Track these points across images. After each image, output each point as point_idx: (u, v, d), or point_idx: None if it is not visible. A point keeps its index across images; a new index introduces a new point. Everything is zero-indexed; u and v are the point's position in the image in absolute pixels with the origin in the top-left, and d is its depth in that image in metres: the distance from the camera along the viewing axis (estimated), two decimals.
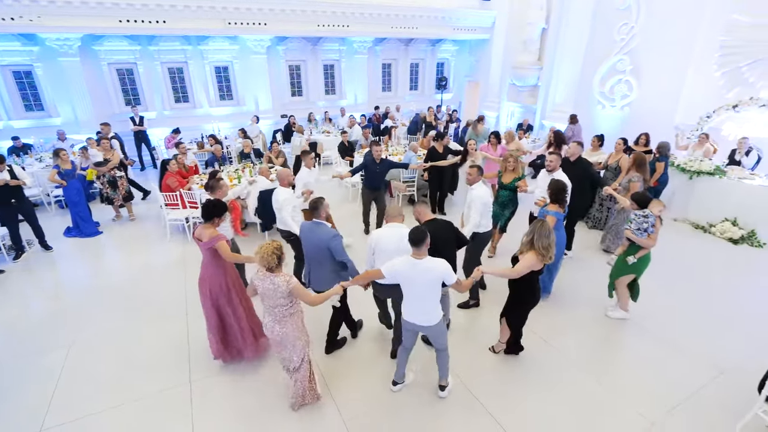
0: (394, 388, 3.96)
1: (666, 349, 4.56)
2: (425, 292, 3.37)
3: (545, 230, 3.62)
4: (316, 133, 12.14)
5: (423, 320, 3.49)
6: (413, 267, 3.27)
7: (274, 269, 3.25)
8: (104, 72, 11.33)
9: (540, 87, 13.36)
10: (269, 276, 3.27)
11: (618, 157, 7.28)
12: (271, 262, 3.21)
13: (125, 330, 4.90)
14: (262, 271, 3.30)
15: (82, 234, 7.34)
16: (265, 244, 3.24)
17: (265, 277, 3.29)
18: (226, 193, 4.87)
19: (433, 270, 3.28)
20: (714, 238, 7.26)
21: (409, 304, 3.50)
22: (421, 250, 3.26)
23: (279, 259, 3.25)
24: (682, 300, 5.46)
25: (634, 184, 5.93)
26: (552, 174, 5.54)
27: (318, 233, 3.97)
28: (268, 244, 3.25)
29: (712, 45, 9.45)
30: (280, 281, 3.24)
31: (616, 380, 4.13)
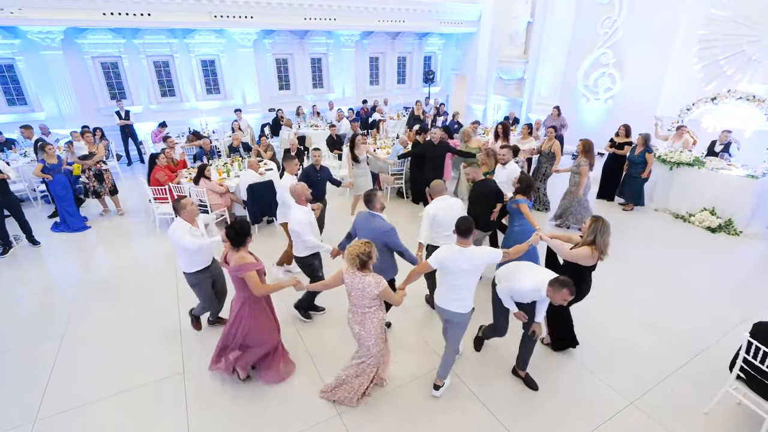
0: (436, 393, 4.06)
1: (645, 332, 4.75)
2: (468, 279, 3.48)
3: (606, 228, 3.67)
4: (305, 127, 12.15)
5: (457, 307, 3.55)
6: (461, 254, 3.39)
7: (363, 269, 3.22)
8: (88, 66, 11.18)
9: (526, 80, 13.53)
10: (359, 275, 3.23)
11: (550, 144, 7.81)
12: (354, 265, 3.21)
13: (117, 323, 4.94)
14: (352, 269, 3.27)
15: (69, 229, 7.30)
16: (355, 244, 3.23)
17: (354, 275, 3.26)
18: (193, 213, 4.13)
19: (479, 257, 3.42)
20: (693, 227, 7.50)
21: (445, 290, 3.57)
22: (469, 239, 3.40)
23: (363, 263, 3.19)
24: (661, 286, 5.66)
25: (583, 168, 6.45)
26: (506, 167, 5.85)
27: (374, 225, 4.07)
28: (358, 244, 3.22)
29: (691, 38, 9.69)
30: (370, 281, 3.22)
31: (596, 361, 4.30)
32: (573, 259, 3.74)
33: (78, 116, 10.81)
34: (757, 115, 8.05)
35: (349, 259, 3.23)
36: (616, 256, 6.36)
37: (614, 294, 5.45)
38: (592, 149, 6.83)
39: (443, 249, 3.46)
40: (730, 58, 9.10)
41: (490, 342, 4.57)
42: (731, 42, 9.00)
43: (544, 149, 7.93)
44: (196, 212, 4.19)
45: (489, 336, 4.30)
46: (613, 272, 5.87)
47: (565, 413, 3.73)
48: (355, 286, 3.26)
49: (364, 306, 3.35)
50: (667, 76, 10.27)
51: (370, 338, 3.44)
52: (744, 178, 7.16)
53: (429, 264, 3.51)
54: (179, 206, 4.09)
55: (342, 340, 4.45)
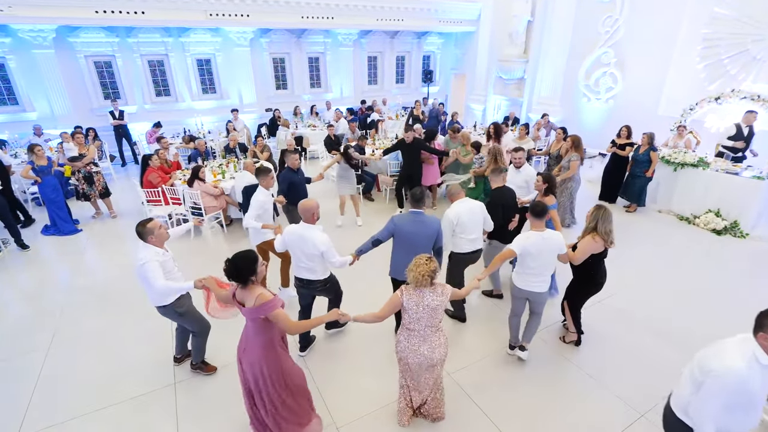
0: (510, 352, 4.30)
1: (651, 338, 4.59)
2: (549, 259, 3.77)
3: (608, 215, 3.79)
4: (302, 127, 11.98)
5: (539, 287, 3.87)
6: (540, 238, 3.64)
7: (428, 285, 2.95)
8: (81, 65, 10.98)
9: (526, 80, 13.38)
10: (428, 291, 2.94)
11: (558, 146, 7.64)
12: (426, 284, 2.93)
13: (106, 331, 4.75)
14: (413, 288, 2.96)
15: (60, 232, 7.11)
16: (420, 263, 2.92)
17: (421, 294, 2.94)
18: (163, 237, 3.54)
19: (553, 238, 3.70)
20: (698, 229, 7.36)
21: (528, 274, 3.82)
22: (543, 221, 3.65)
23: (432, 279, 2.94)
24: (667, 289, 5.51)
25: (574, 162, 6.44)
26: (521, 170, 5.59)
27: (427, 222, 3.96)
28: (423, 262, 2.92)
29: (694, 37, 9.56)
30: (440, 292, 2.97)
31: (602, 368, 4.14)
32: (583, 256, 3.85)
33: (71, 116, 10.61)
34: (762, 114, 7.92)
35: (417, 279, 2.89)
36: (618, 258, 6.26)
37: (618, 297, 5.29)
38: (581, 144, 6.84)
39: (524, 236, 3.69)
40: (733, 57, 8.97)
41: (492, 351, 4.42)
42: (735, 41, 8.87)
43: (553, 152, 7.84)
44: (166, 236, 3.58)
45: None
46: (616, 275, 5.67)
47: (573, 426, 3.57)
48: (426, 305, 2.95)
49: (436, 323, 3.06)
50: (669, 75, 10.15)
51: (444, 351, 3.14)
52: (750, 179, 7.02)
53: (513, 250, 3.67)
54: (145, 231, 3.41)
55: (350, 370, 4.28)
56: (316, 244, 3.71)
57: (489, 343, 4.52)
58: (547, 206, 3.66)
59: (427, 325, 3.02)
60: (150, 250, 3.43)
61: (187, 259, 6.28)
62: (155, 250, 3.46)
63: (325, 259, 3.81)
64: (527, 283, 3.87)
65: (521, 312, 4.16)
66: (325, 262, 3.85)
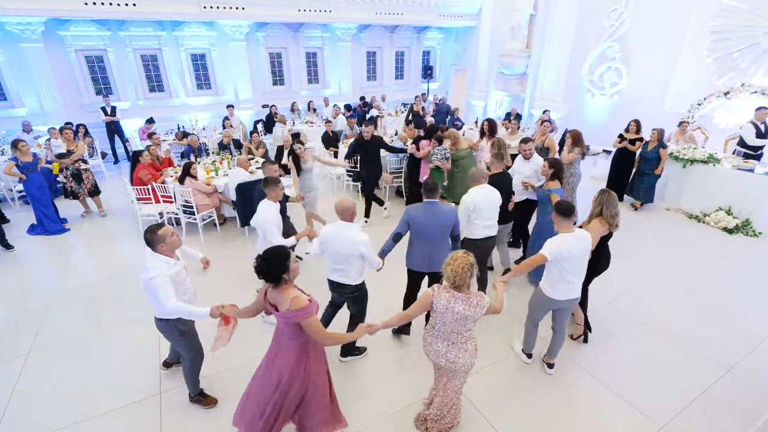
0: (528, 361, 4.06)
1: (665, 343, 4.35)
2: (584, 261, 3.48)
3: (612, 199, 3.77)
4: (299, 124, 11.70)
5: (574, 294, 3.59)
6: (573, 240, 3.35)
7: (462, 287, 2.73)
8: (71, 59, 10.64)
9: (528, 75, 13.10)
10: (461, 297, 2.72)
11: (543, 138, 7.43)
12: (465, 280, 2.68)
13: (90, 335, 4.49)
14: (447, 290, 2.76)
15: (46, 232, 6.83)
16: (459, 257, 2.69)
17: (454, 298, 2.73)
18: (175, 245, 3.18)
19: (585, 237, 3.42)
20: (708, 228, 7.11)
21: (562, 281, 3.48)
22: (571, 220, 3.37)
23: (471, 273, 2.70)
24: (679, 291, 5.27)
25: (573, 155, 6.34)
26: (531, 161, 5.61)
27: (442, 212, 3.90)
28: (463, 256, 2.69)
29: (702, 30, 9.29)
30: (475, 303, 2.73)
31: (614, 376, 3.89)
32: (595, 241, 3.73)
33: (61, 112, 10.31)
34: None
35: (456, 272, 2.66)
36: (627, 258, 6.03)
37: (628, 299, 5.07)
38: (581, 139, 6.67)
39: (556, 240, 3.36)
40: (743, 50, 8.70)
41: (498, 357, 4.17)
42: (745, 33, 8.60)
43: (537, 144, 7.39)
44: (179, 243, 3.23)
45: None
46: (625, 276, 5.51)
47: None
48: (456, 311, 2.73)
49: (463, 331, 2.84)
50: (677, 70, 9.87)
51: (471, 361, 2.93)
52: (762, 176, 6.78)
53: (544, 255, 3.32)
54: (156, 238, 3.03)
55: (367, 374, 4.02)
56: (356, 245, 3.51)
57: (493, 349, 4.26)
58: (574, 205, 3.44)
59: (453, 331, 2.84)
60: (159, 262, 3.03)
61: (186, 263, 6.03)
62: (165, 260, 3.07)
63: (365, 260, 3.63)
64: (560, 291, 3.54)
65: (540, 321, 3.91)
66: (366, 263, 3.66)
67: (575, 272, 3.47)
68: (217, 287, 5.05)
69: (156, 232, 3.04)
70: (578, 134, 6.58)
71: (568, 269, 3.41)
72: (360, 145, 6.98)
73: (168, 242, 3.07)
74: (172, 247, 3.13)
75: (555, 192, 4.70)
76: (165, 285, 2.98)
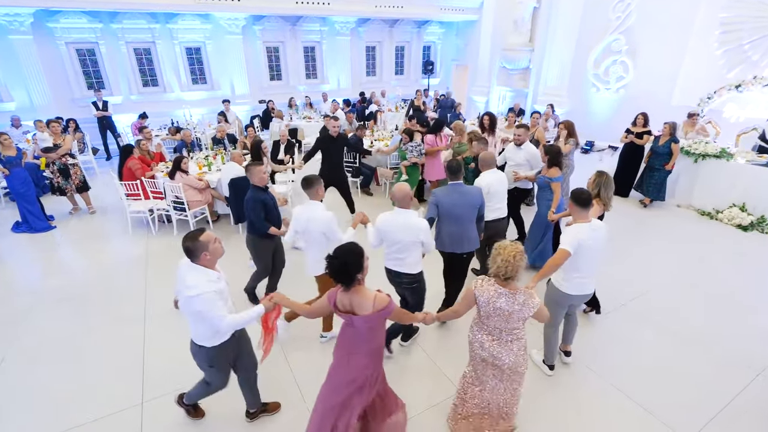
0: (551, 372, 3.72)
1: (685, 347, 4.06)
2: (600, 252, 3.31)
3: (609, 181, 3.84)
4: (297, 119, 11.40)
5: (591, 287, 3.45)
6: (590, 230, 3.18)
7: (512, 281, 2.52)
8: (62, 52, 10.34)
9: (531, 70, 12.82)
10: (505, 292, 2.52)
11: (534, 130, 7.49)
12: (517, 269, 2.47)
13: (71, 339, 4.20)
14: (492, 283, 2.55)
15: (31, 229, 6.54)
16: (508, 245, 2.48)
17: (498, 293, 2.52)
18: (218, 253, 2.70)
19: (602, 227, 3.27)
20: (721, 225, 6.83)
21: (579, 275, 3.30)
22: (587, 210, 3.22)
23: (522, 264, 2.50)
24: (694, 291, 4.99)
25: (568, 146, 6.31)
26: (522, 147, 5.60)
27: (469, 192, 3.94)
28: (512, 245, 2.48)
29: (712, 22, 9.02)
30: (523, 301, 2.53)
31: (634, 384, 3.60)
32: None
33: (51, 107, 10.00)
34: None
35: (507, 262, 2.45)
36: (639, 256, 5.77)
37: (641, 300, 4.80)
38: (574, 129, 6.71)
39: (573, 231, 3.17)
40: (755, 42, 8.42)
41: None
42: (757, 24, 8.32)
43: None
44: (222, 251, 2.72)
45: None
46: (637, 276, 5.24)
47: None
48: (498, 307, 2.54)
49: (509, 329, 2.65)
50: (685, 63, 9.60)
51: (524, 362, 2.75)
52: None
53: (567, 250, 3.11)
54: (199, 246, 2.54)
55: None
56: (417, 231, 3.37)
57: None
58: (590, 194, 3.30)
59: (497, 327, 2.66)
60: (202, 275, 2.56)
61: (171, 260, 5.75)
62: (209, 274, 2.59)
63: (424, 247, 3.50)
64: (578, 286, 3.35)
65: (561, 321, 3.68)
66: (425, 249, 3.54)
67: (591, 264, 3.29)
68: None
69: (198, 239, 2.55)
70: (572, 125, 6.71)
71: (584, 261, 3.22)
72: (323, 141, 6.31)
73: (211, 250, 2.60)
74: (215, 255, 2.65)
75: (557, 180, 4.79)
76: (214, 300, 2.52)
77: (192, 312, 2.55)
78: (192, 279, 2.53)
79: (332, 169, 6.32)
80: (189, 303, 2.51)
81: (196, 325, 2.66)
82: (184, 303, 2.56)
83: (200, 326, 2.64)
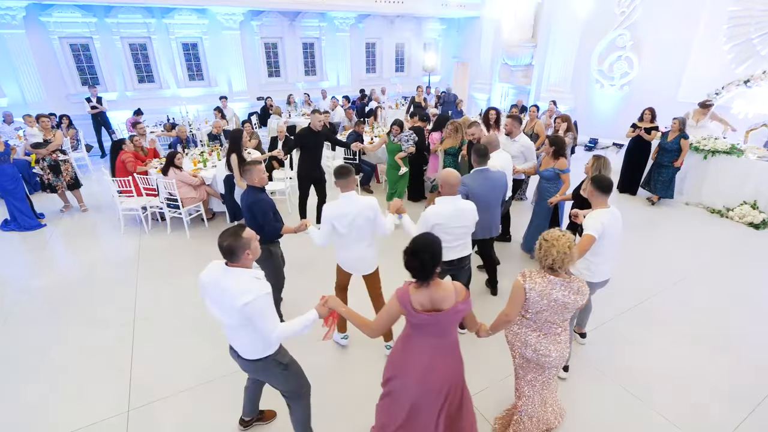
0: (565, 375, 3.51)
1: (704, 351, 3.86)
2: (619, 237, 3.28)
3: (608, 163, 3.94)
4: (296, 116, 11.19)
5: (610, 272, 3.38)
6: (613, 216, 3.16)
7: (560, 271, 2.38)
8: (55, 47, 10.12)
9: (534, 66, 12.61)
10: (559, 282, 2.36)
11: (533, 124, 7.33)
12: (570, 260, 2.34)
13: (55, 342, 3.99)
14: (540, 274, 2.40)
15: (20, 228, 6.33)
16: (559, 235, 2.33)
17: (552, 284, 2.36)
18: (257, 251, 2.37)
19: (618, 213, 3.23)
20: (732, 223, 6.63)
21: (601, 261, 3.23)
22: (607, 197, 3.19)
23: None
24: (708, 292, 4.78)
25: (567, 140, 6.16)
26: (516, 140, 5.53)
27: (495, 177, 4.02)
28: (563, 235, 2.34)
29: (720, 16, 8.81)
30: (576, 288, 2.38)
31: (655, 393, 3.39)
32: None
33: (44, 103, 9.80)
34: None
35: (563, 252, 2.31)
36: (649, 256, 5.56)
37: (654, 301, 4.61)
38: (570, 122, 6.87)
39: (595, 216, 3.10)
40: (764, 36, 8.22)
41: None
42: (766, 18, 8.11)
43: (527, 130, 7.21)
44: (259, 250, 2.43)
45: None
46: (649, 276, 5.04)
47: None
48: (554, 299, 2.37)
49: (559, 321, 2.50)
50: (691, 58, 9.39)
51: (561, 356, 2.57)
52: None
53: (593, 236, 3.02)
54: (242, 244, 2.24)
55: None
56: (472, 217, 3.41)
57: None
58: (611, 180, 3.26)
59: (548, 320, 2.48)
60: (251, 277, 2.26)
61: (164, 259, 5.55)
62: (256, 274, 2.30)
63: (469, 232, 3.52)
64: (601, 272, 3.29)
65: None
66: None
67: (612, 249, 3.26)
68: None
69: (241, 236, 2.24)
70: (570, 119, 6.80)
71: (607, 245, 3.16)
72: (304, 136, 5.80)
73: (253, 248, 2.31)
74: (255, 254, 2.35)
75: (566, 172, 4.76)
76: (270, 304, 2.24)
77: (244, 321, 2.21)
78: (245, 283, 2.19)
79: (314, 165, 5.87)
80: (243, 311, 2.15)
81: (242, 336, 2.33)
82: (236, 312, 2.18)
83: (248, 337, 2.32)
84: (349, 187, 3.32)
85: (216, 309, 2.36)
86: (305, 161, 5.83)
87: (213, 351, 3.73)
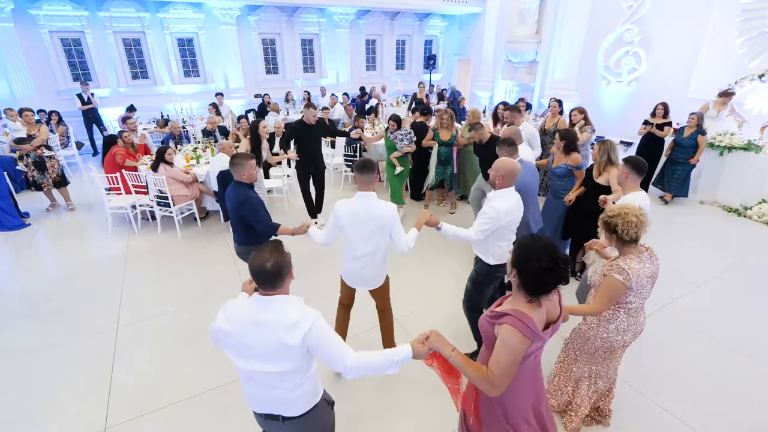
0: None
1: (742, 361, 3.55)
2: None
3: (614, 145, 4.01)
4: (294, 114, 10.88)
5: None
6: (645, 198, 3.22)
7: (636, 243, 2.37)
8: (45, 41, 9.80)
9: (538, 63, 12.31)
10: (646, 255, 2.37)
11: (555, 120, 6.94)
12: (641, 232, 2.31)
13: (29, 353, 3.66)
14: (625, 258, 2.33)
15: (2, 227, 6.01)
16: (626, 206, 2.33)
17: (642, 260, 2.34)
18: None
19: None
20: (751, 222, 6.34)
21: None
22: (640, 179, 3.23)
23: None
24: (737, 297, 4.48)
25: (586, 134, 6.07)
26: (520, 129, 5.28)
27: (533, 168, 3.93)
28: (627, 205, 2.36)
29: (731, 9, 8.51)
30: (652, 253, 2.44)
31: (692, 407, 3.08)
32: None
33: (34, 99, 9.48)
34: None
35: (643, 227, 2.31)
36: (667, 257, 5.19)
37: (676, 304, 4.32)
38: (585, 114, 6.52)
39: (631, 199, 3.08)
40: None
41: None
42: None
43: (549, 127, 6.90)
44: None
45: None
46: (667, 279, 4.70)
47: None
48: (652, 271, 2.37)
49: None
50: (702, 53, 9.08)
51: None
52: None
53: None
54: (287, 262, 1.79)
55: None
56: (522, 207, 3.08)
57: None
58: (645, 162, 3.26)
59: (646, 298, 2.46)
60: (295, 303, 1.78)
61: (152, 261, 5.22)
62: (294, 299, 1.80)
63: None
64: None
65: None
66: None
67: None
68: (198, 293, 4.23)
69: (284, 251, 1.79)
70: (586, 111, 6.39)
71: None
72: (298, 129, 5.60)
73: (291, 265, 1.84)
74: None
75: (581, 168, 4.46)
76: (329, 327, 1.80)
77: (303, 359, 1.76)
78: (294, 309, 1.73)
79: (308, 159, 5.64)
80: (305, 343, 1.71)
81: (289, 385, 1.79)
82: (289, 351, 1.70)
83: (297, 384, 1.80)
84: (369, 186, 2.87)
85: (245, 360, 1.76)
86: (302, 156, 5.63)
87: (201, 362, 3.42)
